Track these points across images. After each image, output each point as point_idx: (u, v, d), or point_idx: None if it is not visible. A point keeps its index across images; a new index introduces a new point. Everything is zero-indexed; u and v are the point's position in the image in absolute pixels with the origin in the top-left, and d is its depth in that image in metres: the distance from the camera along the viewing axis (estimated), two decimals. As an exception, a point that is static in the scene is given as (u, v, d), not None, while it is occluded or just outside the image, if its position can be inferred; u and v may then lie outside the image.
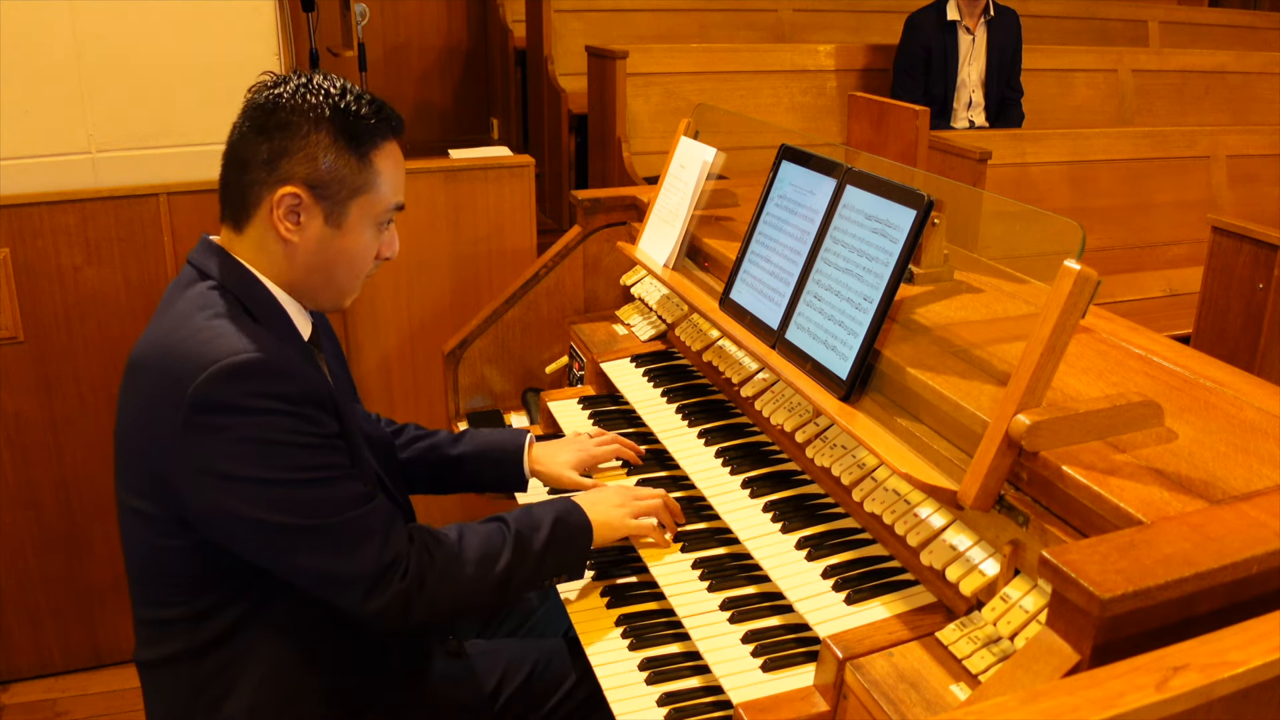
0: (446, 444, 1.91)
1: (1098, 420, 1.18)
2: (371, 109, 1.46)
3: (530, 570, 1.56)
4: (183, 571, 1.44)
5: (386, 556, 1.41)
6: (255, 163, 1.42)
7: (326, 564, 1.39)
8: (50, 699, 2.82)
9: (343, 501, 1.40)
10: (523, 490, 1.93)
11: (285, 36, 2.83)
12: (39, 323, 2.64)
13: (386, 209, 1.50)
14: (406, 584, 1.43)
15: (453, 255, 3.03)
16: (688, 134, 2.18)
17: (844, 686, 1.25)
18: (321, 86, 1.44)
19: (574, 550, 1.62)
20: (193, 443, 1.33)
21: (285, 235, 1.44)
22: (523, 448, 1.90)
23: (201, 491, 1.35)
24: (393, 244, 1.55)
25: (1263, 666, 0.77)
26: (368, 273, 1.54)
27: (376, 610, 1.42)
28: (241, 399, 1.33)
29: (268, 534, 1.37)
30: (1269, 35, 6.45)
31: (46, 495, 2.76)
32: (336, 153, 1.42)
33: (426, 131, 6.09)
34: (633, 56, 4.20)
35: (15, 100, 2.52)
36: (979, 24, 4.64)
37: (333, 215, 1.45)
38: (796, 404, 1.68)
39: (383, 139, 1.47)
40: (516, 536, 1.55)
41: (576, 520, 1.63)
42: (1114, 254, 3.90)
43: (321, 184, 1.42)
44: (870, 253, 1.50)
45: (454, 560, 1.49)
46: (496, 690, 1.69)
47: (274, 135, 1.41)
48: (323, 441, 1.40)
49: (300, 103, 1.42)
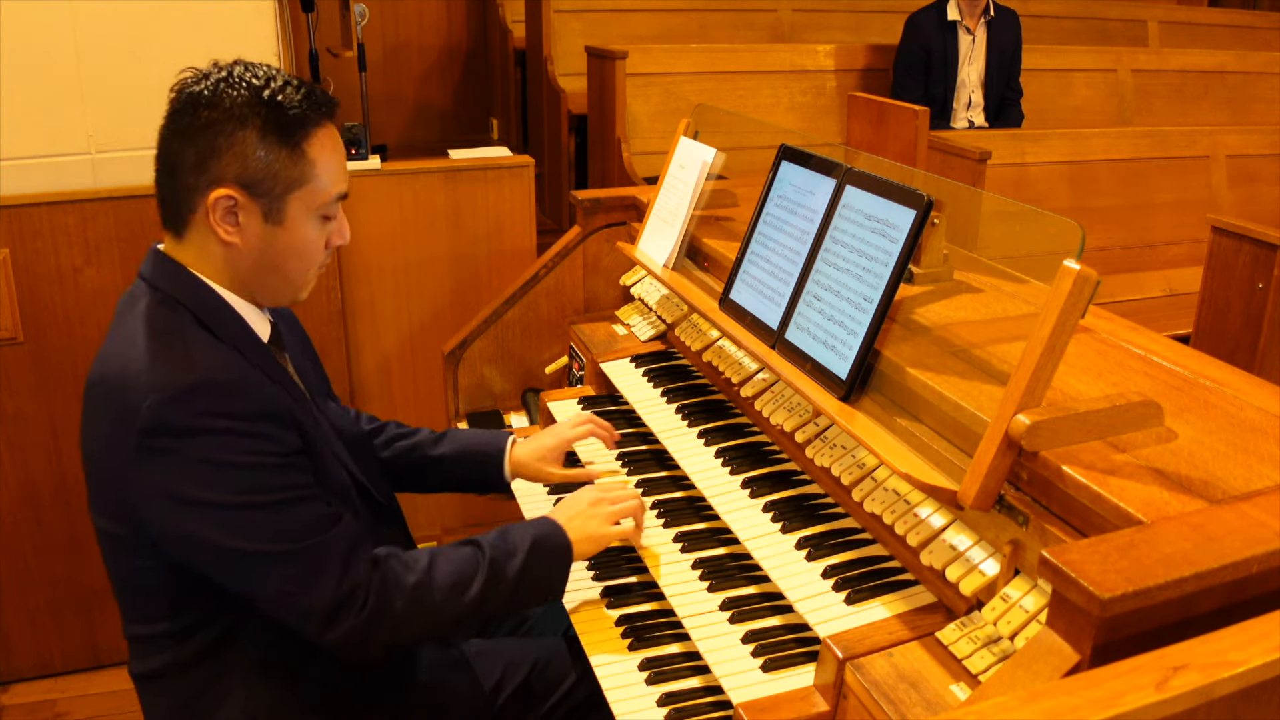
0: (428, 444, 1.87)
1: (1098, 420, 1.18)
2: (299, 94, 1.38)
3: (505, 597, 1.50)
4: (162, 590, 1.41)
5: (344, 588, 1.36)
6: (184, 167, 1.36)
7: (283, 593, 1.35)
8: (50, 699, 2.82)
9: (302, 526, 1.35)
10: (504, 492, 1.89)
11: (285, 37, 2.83)
12: (39, 323, 2.64)
13: (328, 200, 1.43)
14: (365, 616, 1.38)
15: (453, 255, 3.03)
16: (687, 134, 2.18)
17: (844, 686, 1.25)
18: (243, 78, 1.37)
19: (553, 574, 1.57)
20: (147, 467, 1.30)
21: (225, 238, 1.38)
22: (504, 450, 1.86)
23: (159, 516, 1.33)
24: (343, 232, 1.49)
25: (1263, 666, 0.77)
26: (321, 263, 1.48)
27: (334, 642, 1.38)
28: (192, 420, 1.29)
29: (225, 558, 1.33)
30: (1269, 35, 6.45)
31: (46, 495, 2.76)
32: (266, 147, 1.35)
33: (426, 131, 6.10)
34: (632, 56, 4.20)
35: (15, 100, 2.52)
36: (979, 24, 4.64)
37: (272, 212, 1.38)
38: (796, 404, 1.68)
39: (315, 125, 1.39)
40: (490, 563, 1.49)
41: (555, 543, 1.57)
42: (1114, 254, 3.90)
43: (255, 182, 1.36)
44: (870, 253, 1.50)
45: (421, 589, 1.43)
46: (496, 690, 1.69)
47: (198, 137, 1.34)
48: (281, 460, 1.35)
49: (222, 99, 1.34)
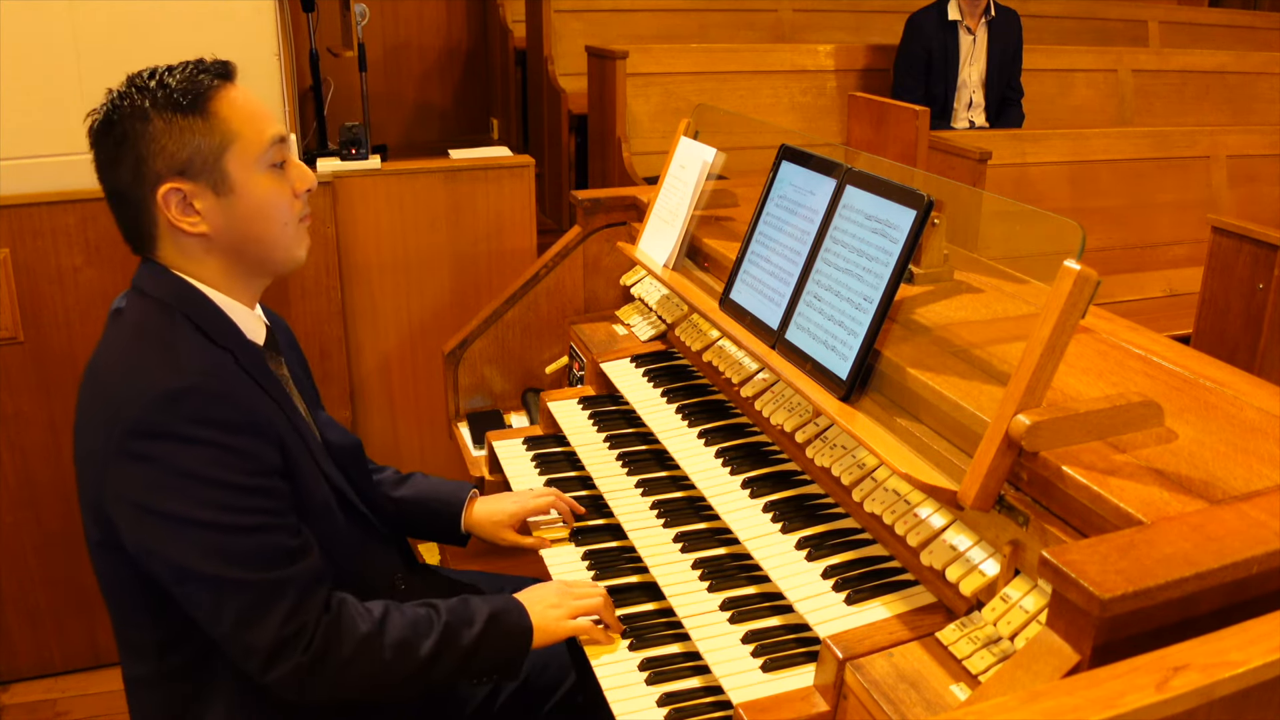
0: (390, 484, 1.83)
1: (1098, 420, 1.18)
2: (183, 72, 1.39)
3: (456, 664, 1.46)
4: (146, 598, 1.40)
5: (289, 630, 1.34)
6: (125, 188, 1.38)
7: (228, 623, 1.33)
8: (50, 699, 2.82)
9: (261, 556, 1.33)
10: (461, 545, 1.86)
11: (285, 37, 2.83)
12: (39, 323, 2.64)
13: (264, 149, 1.41)
14: (308, 659, 1.35)
15: (453, 255, 3.03)
16: (688, 134, 2.18)
17: (844, 687, 1.25)
18: (132, 83, 1.39)
19: (509, 651, 1.52)
20: (122, 471, 1.30)
21: (192, 230, 1.39)
22: (462, 503, 1.83)
23: (126, 522, 1.32)
24: (304, 176, 1.47)
25: (1263, 666, 0.77)
26: (299, 215, 1.47)
27: (273, 681, 1.35)
28: (173, 426, 1.29)
29: (181, 576, 1.32)
30: (1269, 35, 6.45)
31: (46, 495, 2.76)
32: (178, 128, 1.36)
33: (426, 131, 6.10)
34: (633, 56, 4.20)
35: (15, 100, 2.52)
36: (980, 24, 4.64)
37: (218, 185, 1.38)
38: (796, 404, 1.68)
39: (211, 90, 1.38)
40: (445, 627, 1.46)
41: (514, 621, 1.52)
42: (1114, 254, 3.90)
43: (186, 164, 1.36)
44: (870, 253, 1.50)
45: (371, 640, 1.41)
46: (495, 690, 1.69)
47: (121, 153, 1.36)
48: (253, 482, 1.34)
49: (122, 110, 1.37)
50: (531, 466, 2.06)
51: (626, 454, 1.95)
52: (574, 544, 1.82)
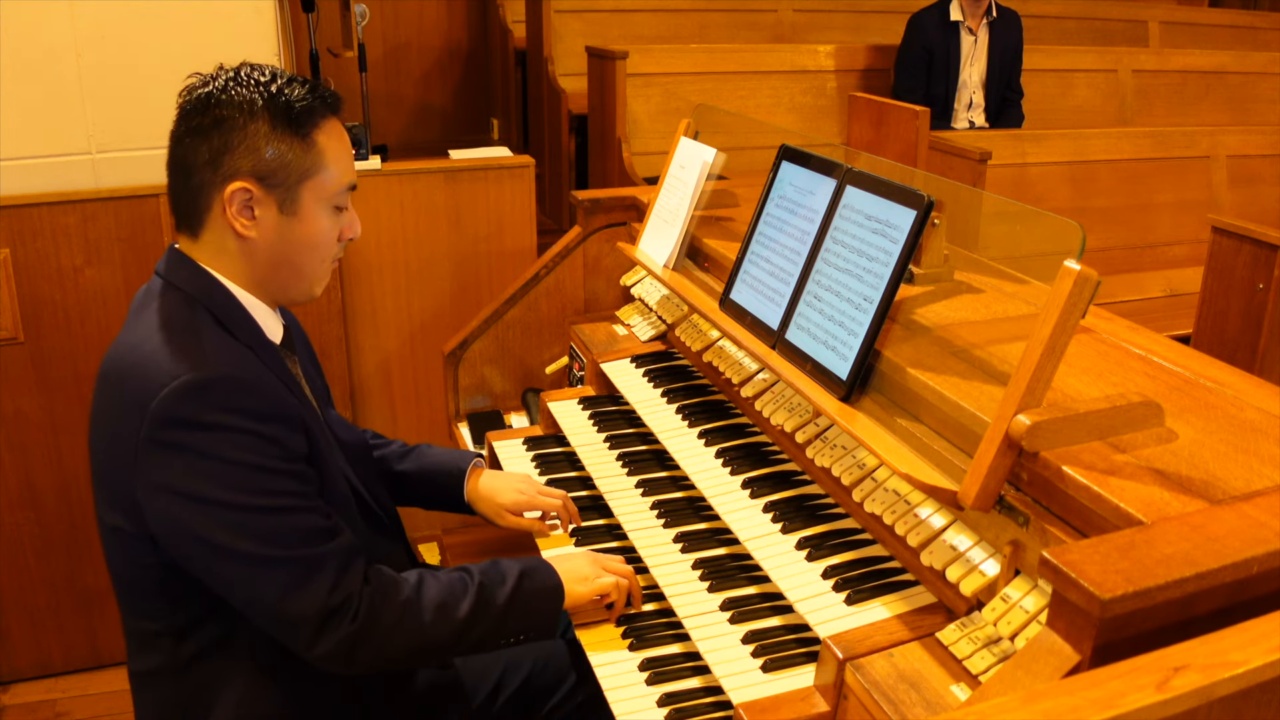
0: (395, 458, 1.86)
1: (1098, 420, 1.18)
2: (305, 89, 1.41)
3: (493, 623, 1.50)
4: (161, 587, 1.41)
5: (335, 599, 1.36)
6: (198, 165, 1.38)
7: (273, 599, 1.34)
8: (50, 699, 2.82)
9: (298, 534, 1.35)
10: (469, 514, 1.87)
11: (285, 37, 2.83)
12: (39, 323, 2.64)
13: (339, 190, 1.45)
14: (355, 627, 1.37)
15: (453, 255, 3.04)
16: (688, 134, 2.18)
17: (844, 687, 1.25)
18: (250, 76, 1.40)
19: (543, 608, 1.55)
20: (153, 458, 1.30)
21: (242, 232, 1.40)
22: (464, 473, 1.85)
23: (158, 509, 1.33)
24: (354, 225, 1.50)
25: (1263, 667, 0.77)
26: (334, 256, 1.50)
27: (322, 654, 1.37)
28: (204, 414, 1.30)
29: (220, 558, 1.33)
30: (1269, 35, 6.45)
31: (46, 496, 2.76)
32: (278, 138, 1.38)
33: (426, 131, 6.10)
34: (633, 57, 4.20)
35: (15, 100, 2.52)
36: (981, 24, 4.64)
37: (286, 203, 1.40)
38: (796, 404, 1.68)
39: (322, 118, 1.42)
40: (480, 588, 1.49)
41: (543, 579, 1.56)
42: (1114, 254, 3.90)
43: (269, 173, 1.38)
44: (870, 253, 1.50)
45: (411, 605, 1.44)
46: (495, 691, 1.69)
47: (211, 134, 1.37)
48: (286, 466, 1.36)
49: (232, 96, 1.37)
50: (532, 467, 2.06)
51: (627, 454, 1.95)
52: (574, 544, 1.82)
